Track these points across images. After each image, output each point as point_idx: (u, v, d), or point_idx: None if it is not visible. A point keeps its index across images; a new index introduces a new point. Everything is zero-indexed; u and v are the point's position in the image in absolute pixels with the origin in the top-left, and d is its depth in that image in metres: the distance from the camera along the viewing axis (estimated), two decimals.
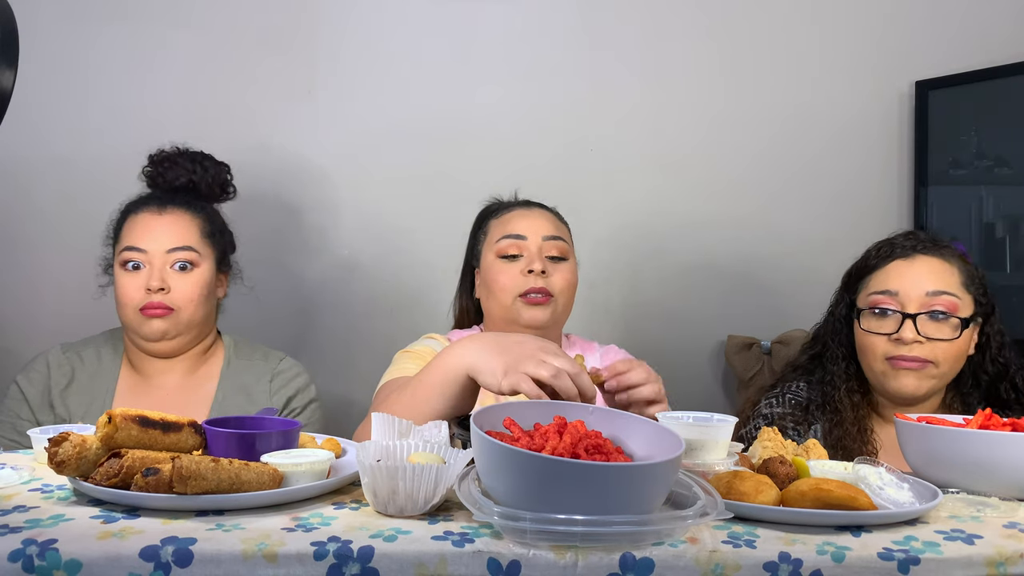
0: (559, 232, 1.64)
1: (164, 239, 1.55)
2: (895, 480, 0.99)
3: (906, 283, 1.46)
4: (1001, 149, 2.21)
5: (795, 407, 1.54)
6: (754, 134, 2.32)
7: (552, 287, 1.57)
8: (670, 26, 2.30)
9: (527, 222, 1.62)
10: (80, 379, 1.60)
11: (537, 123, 2.25)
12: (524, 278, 1.56)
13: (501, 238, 1.61)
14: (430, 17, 2.22)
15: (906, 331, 1.42)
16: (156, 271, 1.54)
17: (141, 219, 1.58)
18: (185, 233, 1.57)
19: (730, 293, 2.32)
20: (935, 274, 1.47)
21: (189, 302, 1.55)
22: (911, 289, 1.45)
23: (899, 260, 1.50)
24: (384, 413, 1.05)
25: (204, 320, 1.60)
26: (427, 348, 1.58)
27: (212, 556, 0.76)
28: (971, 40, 2.31)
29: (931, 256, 1.49)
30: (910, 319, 1.42)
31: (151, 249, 1.55)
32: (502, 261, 1.59)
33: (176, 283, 1.54)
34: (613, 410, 0.98)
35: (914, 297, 1.44)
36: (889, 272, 1.49)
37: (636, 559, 0.79)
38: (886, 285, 1.48)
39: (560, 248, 1.61)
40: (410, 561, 0.77)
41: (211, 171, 1.67)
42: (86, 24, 2.12)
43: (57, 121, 2.11)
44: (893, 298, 1.46)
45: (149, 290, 1.52)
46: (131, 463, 0.89)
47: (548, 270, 1.57)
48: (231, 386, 1.62)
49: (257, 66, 2.17)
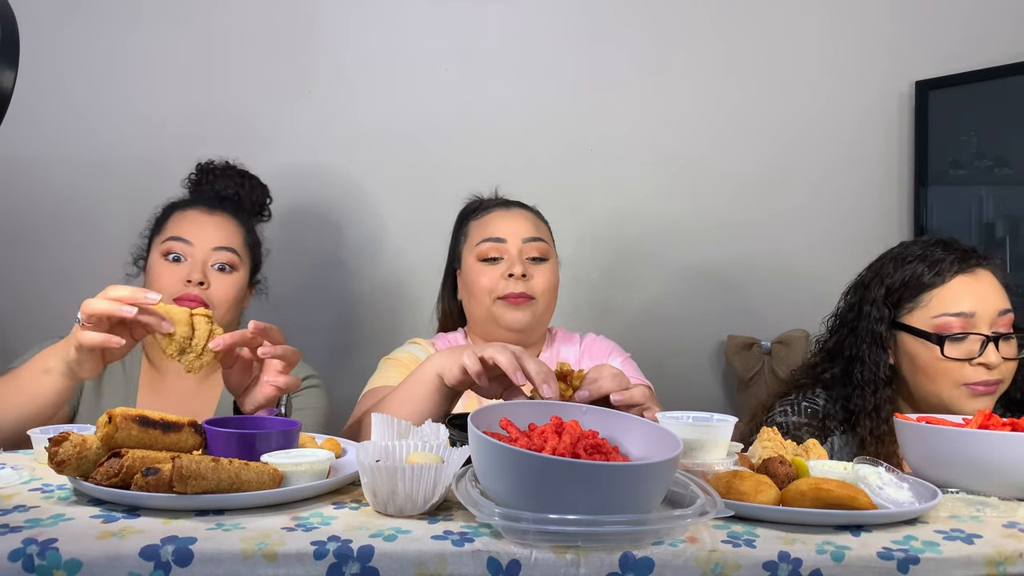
0: (539, 233, 1.63)
1: (211, 237, 1.57)
2: (895, 480, 0.99)
3: (979, 302, 1.37)
4: (1001, 149, 2.21)
5: (811, 416, 1.46)
6: (755, 134, 2.32)
7: (533, 289, 1.57)
8: (671, 26, 2.30)
9: (506, 223, 1.62)
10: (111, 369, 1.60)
11: (537, 123, 2.25)
12: (505, 281, 1.56)
13: (481, 241, 1.60)
14: (430, 17, 2.22)
15: (991, 355, 1.35)
16: (198, 265, 1.55)
17: (190, 215, 1.60)
18: (231, 236, 1.60)
19: (730, 293, 2.32)
20: (998, 291, 1.40)
21: (224, 301, 1.56)
22: (984, 308, 1.37)
23: (963, 275, 1.40)
24: (383, 414, 1.06)
25: (230, 325, 1.60)
26: (409, 355, 1.58)
27: (212, 556, 0.76)
28: (971, 40, 2.31)
29: (988, 269, 1.42)
30: (992, 342, 1.35)
31: (197, 243, 1.56)
32: (482, 264, 1.59)
33: (216, 281, 1.55)
34: (609, 410, 0.98)
35: (986, 317, 1.37)
36: (957, 290, 1.39)
37: (636, 559, 0.79)
38: (959, 307, 1.38)
39: (540, 249, 1.61)
40: (410, 561, 0.77)
41: (256, 190, 1.74)
42: (87, 24, 2.12)
43: (58, 121, 2.11)
44: (969, 320, 1.37)
45: (189, 282, 1.53)
46: (131, 463, 0.89)
47: (529, 272, 1.57)
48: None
49: (257, 66, 2.17)
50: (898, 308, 1.45)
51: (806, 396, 1.50)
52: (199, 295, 1.52)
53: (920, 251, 1.46)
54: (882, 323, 1.44)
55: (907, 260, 1.46)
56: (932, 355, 1.39)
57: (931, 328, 1.40)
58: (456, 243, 1.71)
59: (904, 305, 1.44)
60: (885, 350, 1.44)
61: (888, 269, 1.47)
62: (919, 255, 1.45)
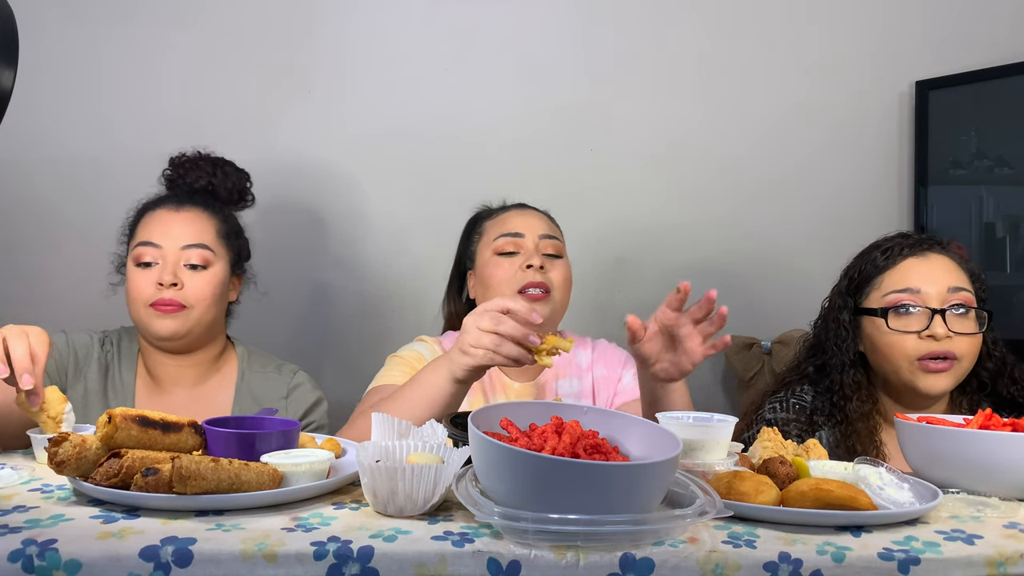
0: (554, 232, 1.66)
1: (179, 236, 1.53)
2: (895, 480, 0.99)
3: (926, 280, 1.43)
4: (1001, 149, 2.21)
5: (799, 412, 1.51)
6: (755, 134, 2.32)
7: (550, 282, 1.58)
8: (670, 27, 2.30)
9: (523, 220, 1.64)
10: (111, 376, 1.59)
11: (537, 123, 2.25)
12: (523, 273, 1.57)
13: (499, 236, 1.62)
14: (431, 17, 2.22)
15: (936, 327, 1.40)
16: (169, 267, 1.51)
17: (157, 216, 1.56)
18: (201, 231, 1.56)
19: (730, 293, 2.31)
20: (951, 270, 1.45)
21: (202, 300, 1.52)
22: (932, 285, 1.43)
23: (913, 258, 1.47)
24: (383, 414, 1.06)
25: (214, 321, 1.58)
26: (416, 353, 1.59)
27: (212, 556, 0.76)
28: (971, 40, 2.31)
29: (942, 254, 1.48)
30: (939, 314, 1.40)
31: (166, 245, 1.52)
32: (500, 258, 1.60)
33: (189, 280, 1.52)
34: (608, 410, 0.99)
35: (935, 293, 1.42)
36: (906, 270, 1.46)
37: (636, 559, 0.79)
38: (906, 283, 1.45)
39: (556, 247, 1.63)
40: (410, 561, 0.77)
41: (231, 177, 1.66)
42: (87, 24, 2.12)
43: (58, 121, 2.10)
44: (916, 295, 1.43)
45: (161, 285, 1.49)
46: (131, 463, 0.89)
47: (546, 266, 1.58)
48: (247, 397, 1.61)
49: (258, 66, 2.17)
50: (858, 295, 1.52)
51: (794, 393, 1.54)
52: (173, 298, 1.49)
53: (881, 243, 1.53)
54: (844, 310, 1.52)
55: (867, 252, 1.53)
56: (880, 331, 1.45)
57: (880, 306, 1.46)
58: (467, 243, 1.72)
59: (862, 291, 1.51)
60: (850, 335, 1.50)
61: (852, 263, 1.55)
62: (877, 245, 1.53)
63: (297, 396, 1.63)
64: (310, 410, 1.63)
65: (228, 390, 1.61)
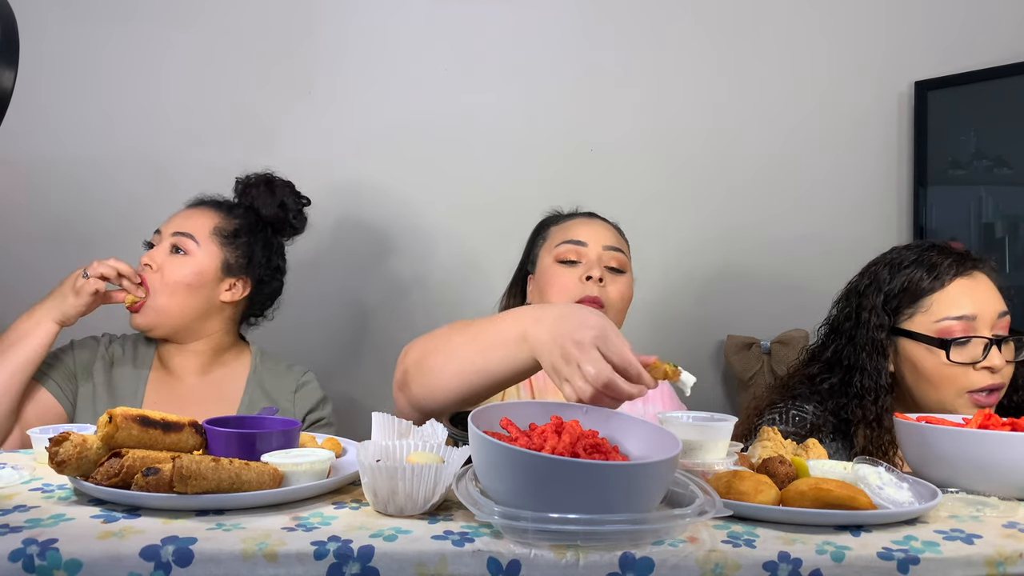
0: (620, 245, 1.60)
1: (174, 225, 1.60)
2: (894, 480, 0.99)
3: (980, 305, 1.35)
4: (1001, 149, 2.21)
5: (799, 425, 1.44)
6: (754, 134, 2.32)
7: (607, 298, 1.53)
8: (671, 27, 2.30)
9: (589, 229, 1.59)
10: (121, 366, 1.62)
11: (537, 124, 2.25)
12: (582, 284, 1.52)
13: (562, 243, 1.58)
14: (431, 18, 2.22)
15: (994, 358, 1.32)
16: (157, 251, 1.58)
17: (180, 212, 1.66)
18: (194, 223, 1.60)
19: (730, 293, 2.32)
20: (995, 293, 1.37)
21: (168, 283, 1.55)
22: (984, 311, 1.35)
23: (962, 279, 1.37)
24: (384, 413, 1.05)
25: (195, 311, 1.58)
26: None
27: (212, 556, 0.76)
28: (971, 40, 2.31)
29: (984, 271, 1.39)
30: (995, 345, 1.33)
31: (164, 231, 1.60)
32: (560, 266, 1.56)
33: (167, 264, 1.57)
34: (608, 410, 0.98)
35: (988, 320, 1.35)
36: (957, 294, 1.36)
37: (636, 558, 0.79)
38: (961, 310, 1.35)
39: (619, 260, 1.57)
40: (410, 561, 0.77)
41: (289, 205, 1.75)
42: (87, 24, 2.12)
43: (59, 121, 2.10)
44: (971, 323, 1.34)
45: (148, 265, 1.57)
46: (131, 463, 0.89)
47: (606, 280, 1.53)
48: (257, 389, 1.64)
49: (258, 67, 2.17)
50: (897, 314, 1.42)
51: (795, 405, 1.47)
52: (143, 274, 1.56)
53: (915, 256, 1.43)
54: (882, 330, 1.41)
55: (903, 265, 1.43)
56: (937, 360, 1.36)
57: (934, 333, 1.37)
58: (532, 247, 1.68)
59: (903, 311, 1.41)
60: (885, 358, 1.42)
61: (884, 275, 1.44)
62: (915, 260, 1.42)
63: (306, 392, 1.67)
64: (317, 406, 1.66)
65: (239, 381, 1.65)
